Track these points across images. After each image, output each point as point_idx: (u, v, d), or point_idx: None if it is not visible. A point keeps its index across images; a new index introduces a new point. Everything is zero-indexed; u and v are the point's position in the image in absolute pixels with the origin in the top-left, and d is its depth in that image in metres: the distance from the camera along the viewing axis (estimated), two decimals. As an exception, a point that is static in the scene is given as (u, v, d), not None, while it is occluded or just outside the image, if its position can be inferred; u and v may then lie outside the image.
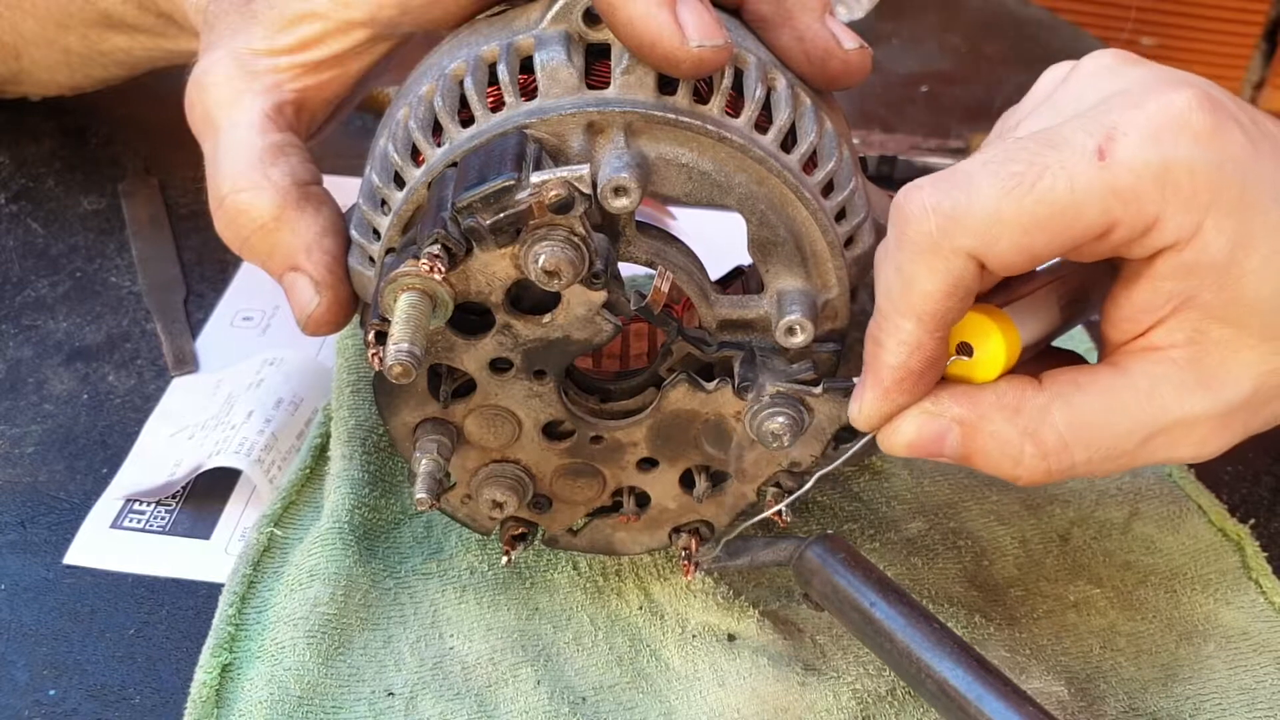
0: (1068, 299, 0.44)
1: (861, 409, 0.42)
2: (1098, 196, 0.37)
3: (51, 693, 0.47)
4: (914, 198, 0.39)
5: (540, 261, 0.40)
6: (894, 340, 0.40)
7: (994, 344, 0.41)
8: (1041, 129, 0.39)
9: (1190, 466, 0.57)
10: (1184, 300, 0.39)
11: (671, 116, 0.42)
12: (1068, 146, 0.37)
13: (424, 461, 0.44)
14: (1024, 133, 0.40)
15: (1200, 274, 0.39)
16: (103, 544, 0.52)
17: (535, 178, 0.39)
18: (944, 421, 0.41)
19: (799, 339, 0.44)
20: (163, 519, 0.54)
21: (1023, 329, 0.41)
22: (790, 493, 0.47)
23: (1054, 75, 0.44)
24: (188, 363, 0.61)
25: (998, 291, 0.43)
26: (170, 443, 0.57)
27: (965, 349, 0.41)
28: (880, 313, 0.40)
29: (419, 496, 0.43)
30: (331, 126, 0.57)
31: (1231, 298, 0.39)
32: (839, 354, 0.46)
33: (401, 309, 0.39)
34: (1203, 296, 0.39)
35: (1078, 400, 0.40)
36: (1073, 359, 0.44)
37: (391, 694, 0.47)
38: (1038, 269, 0.42)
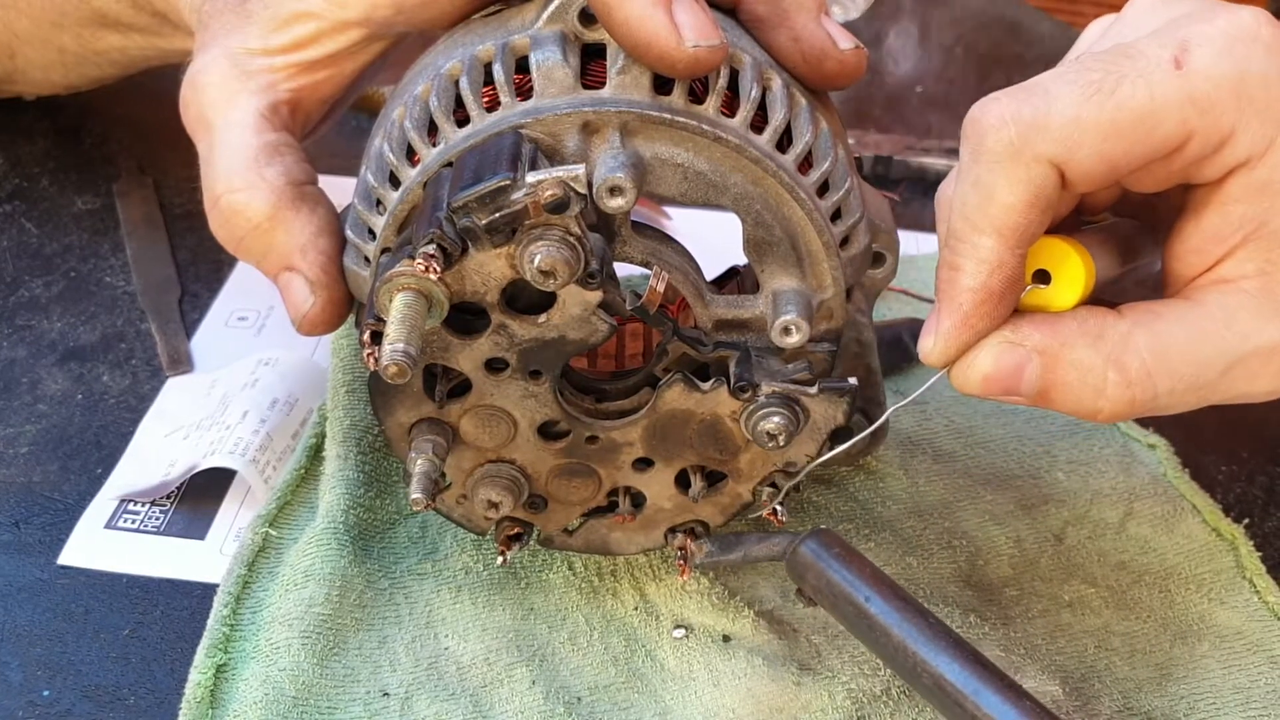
0: (1123, 249, 0.44)
1: (936, 342, 0.40)
2: (1176, 105, 0.37)
3: (46, 693, 0.47)
4: (990, 109, 0.38)
5: (536, 261, 0.40)
6: (972, 260, 0.39)
7: (1074, 267, 0.40)
8: (1112, 45, 0.39)
9: (1185, 466, 0.57)
10: (1255, 227, 0.39)
11: (667, 116, 0.42)
12: (1143, 57, 0.37)
13: (419, 462, 0.44)
14: None
15: (1273, 193, 0.38)
16: (97, 544, 0.52)
17: (531, 177, 0.39)
18: (1024, 351, 0.40)
19: (794, 339, 0.44)
20: (157, 519, 0.54)
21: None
22: (786, 493, 0.47)
23: (1100, 25, 0.43)
24: (182, 363, 0.61)
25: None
26: (165, 443, 0.56)
27: (1041, 277, 0.40)
28: (955, 235, 0.39)
29: (414, 497, 0.43)
30: (326, 126, 0.57)
31: None
32: (834, 354, 0.46)
33: (397, 309, 0.39)
34: (1274, 223, 0.38)
35: (1159, 328, 0.39)
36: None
37: (387, 694, 0.47)
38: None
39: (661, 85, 0.43)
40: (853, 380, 0.45)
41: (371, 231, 0.46)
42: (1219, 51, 0.37)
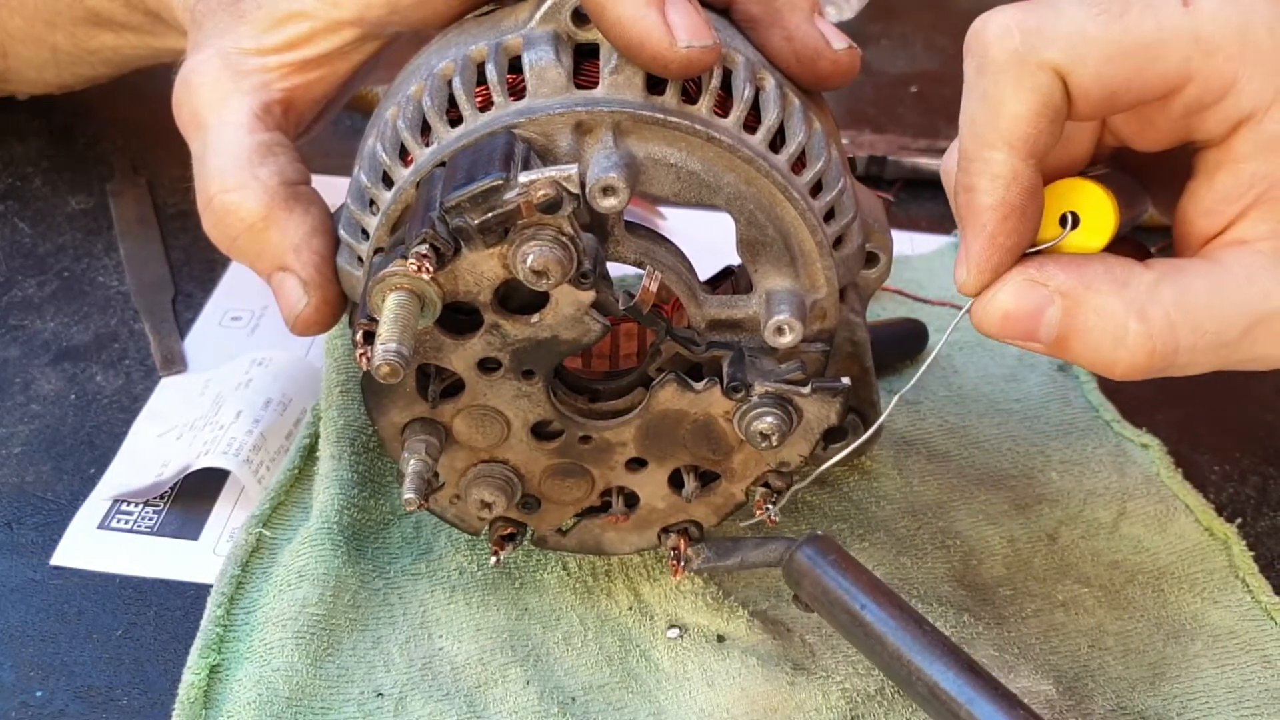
0: (1124, 198, 0.43)
1: (968, 266, 0.39)
2: (1181, 40, 0.37)
3: (39, 694, 0.47)
4: (995, 19, 0.38)
5: (528, 261, 0.40)
6: (987, 177, 0.38)
7: (1102, 207, 0.39)
8: None
9: (1178, 466, 0.57)
10: (1267, 186, 0.38)
11: (660, 116, 0.42)
12: None
13: (412, 462, 0.44)
14: None
15: None
16: (90, 545, 0.52)
17: (523, 177, 0.39)
18: (1046, 292, 0.39)
19: (787, 339, 0.44)
20: (151, 519, 0.54)
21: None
22: (779, 493, 0.47)
23: None
24: (176, 363, 0.61)
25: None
26: (158, 443, 0.56)
27: (1069, 220, 0.39)
28: (966, 155, 0.39)
29: (407, 497, 0.43)
30: (320, 126, 0.57)
31: None
32: (828, 354, 0.46)
33: (389, 309, 0.39)
34: None
35: (1184, 281, 0.39)
36: (1139, 250, 0.43)
37: (381, 695, 0.47)
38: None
39: (654, 85, 0.43)
40: (846, 380, 0.45)
41: (365, 231, 0.46)
42: None
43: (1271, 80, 0.37)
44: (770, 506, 0.47)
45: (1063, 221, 0.40)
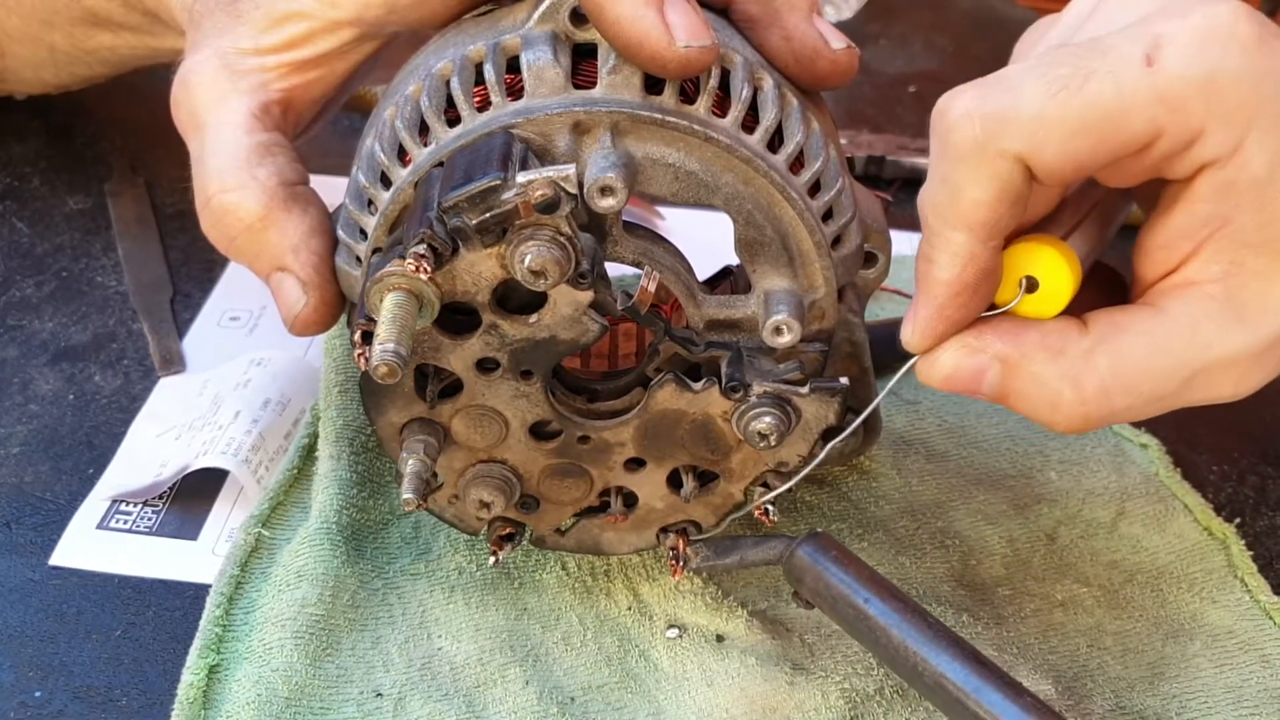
0: (1104, 219, 0.44)
1: (914, 329, 0.40)
2: (1145, 103, 0.37)
3: (37, 694, 0.47)
4: (956, 103, 0.38)
5: (526, 261, 0.40)
6: (945, 254, 0.39)
7: (1060, 276, 0.39)
8: (1084, 39, 0.38)
9: (1177, 466, 0.57)
10: (1220, 225, 0.39)
11: (658, 116, 0.42)
12: (1114, 53, 0.37)
13: (410, 462, 0.44)
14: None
15: (1239, 193, 0.38)
16: (89, 545, 0.52)
17: (521, 177, 0.39)
18: (984, 358, 0.40)
19: (786, 339, 0.44)
20: (149, 520, 0.54)
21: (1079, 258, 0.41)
22: (781, 493, 0.47)
23: (1081, 5, 0.43)
24: (174, 363, 0.61)
25: (1041, 223, 0.42)
26: (157, 443, 0.56)
27: (1029, 284, 0.40)
28: (929, 228, 0.39)
29: (405, 497, 0.43)
30: (318, 126, 0.57)
31: (1269, 218, 0.38)
32: (826, 354, 0.46)
33: (387, 309, 0.39)
34: (1240, 219, 0.38)
35: (1122, 343, 0.40)
36: (1111, 275, 0.44)
37: (380, 695, 0.47)
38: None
39: (652, 85, 0.43)
40: (844, 380, 0.45)
41: (363, 231, 0.46)
42: (1191, 50, 0.37)
43: (1234, 130, 0.37)
44: (769, 507, 0.47)
45: (1024, 283, 0.40)
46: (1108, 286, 0.43)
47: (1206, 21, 0.37)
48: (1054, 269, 0.40)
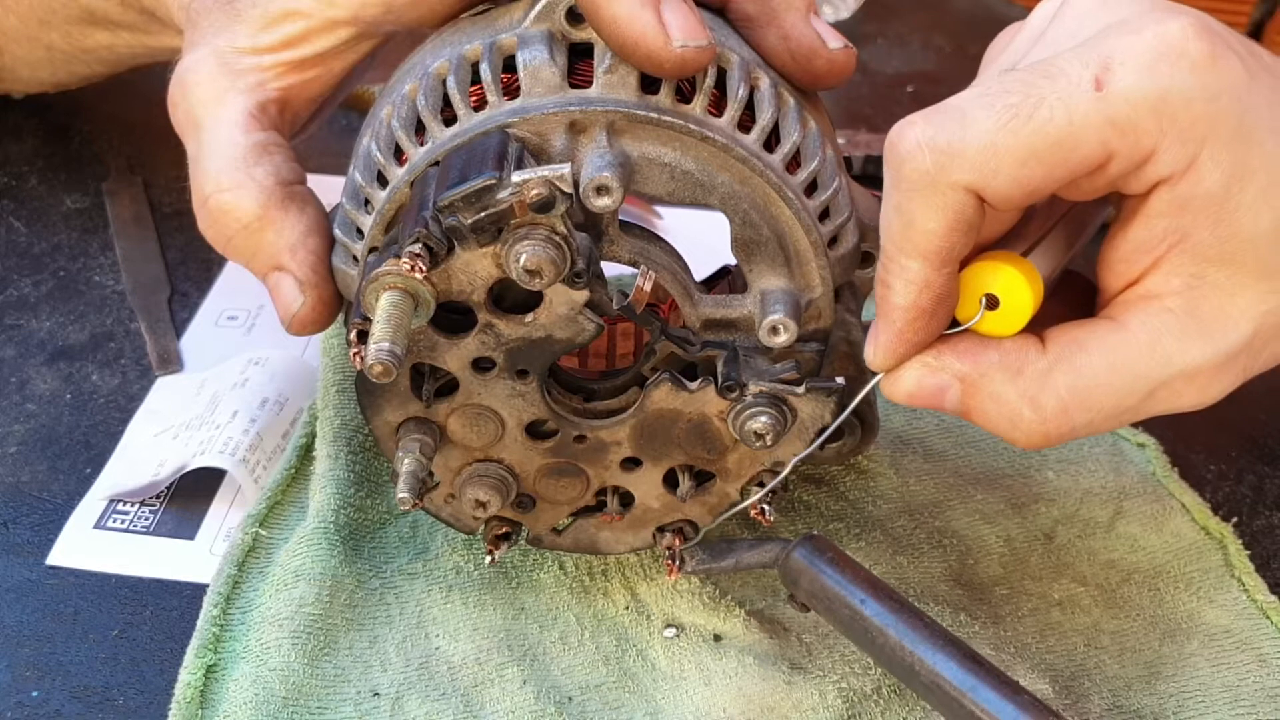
0: (1069, 232, 0.44)
1: (876, 351, 0.41)
2: (1095, 127, 0.37)
3: (34, 694, 0.47)
4: (907, 134, 0.38)
5: (522, 260, 0.40)
6: (901, 280, 0.39)
7: (1020, 295, 0.40)
8: (1036, 61, 0.38)
9: (1174, 465, 0.57)
10: (1179, 238, 0.39)
11: (654, 116, 0.42)
12: (1064, 77, 0.37)
13: (406, 461, 0.44)
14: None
15: (1195, 209, 0.38)
16: (86, 544, 0.52)
17: (517, 177, 0.39)
18: (945, 376, 0.41)
19: (782, 339, 0.44)
20: (147, 519, 0.54)
21: (1042, 273, 0.41)
22: (772, 492, 0.47)
23: (1045, 11, 0.43)
24: (172, 362, 0.61)
25: (1007, 235, 0.42)
26: (154, 443, 0.56)
27: (990, 301, 0.40)
28: (885, 254, 0.40)
29: (401, 496, 0.43)
30: (315, 125, 0.57)
31: (1227, 233, 0.38)
32: (822, 353, 0.46)
33: (383, 308, 0.39)
34: (1198, 234, 0.38)
35: (1081, 362, 0.40)
36: (1082, 284, 0.44)
37: (377, 694, 0.47)
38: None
39: (649, 85, 0.43)
40: (840, 380, 0.45)
41: (360, 231, 0.46)
42: (1142, 71, 0.37)
43: (1187, 149, 0.37)
44: (766, 507, 0.47)
45: (984, 301, 0.41)
46: (1080, 294, 0.44)
47: (1158, 40, 0.37)
48: (1014, 288, 0.40)
